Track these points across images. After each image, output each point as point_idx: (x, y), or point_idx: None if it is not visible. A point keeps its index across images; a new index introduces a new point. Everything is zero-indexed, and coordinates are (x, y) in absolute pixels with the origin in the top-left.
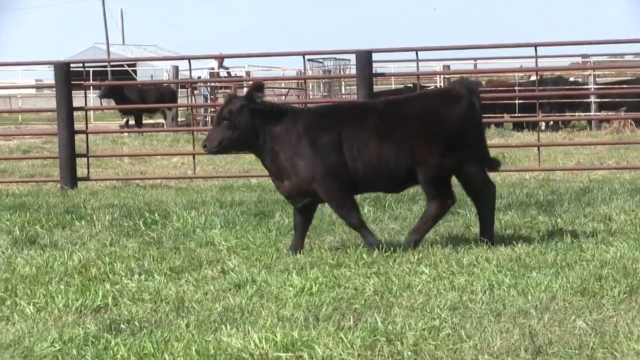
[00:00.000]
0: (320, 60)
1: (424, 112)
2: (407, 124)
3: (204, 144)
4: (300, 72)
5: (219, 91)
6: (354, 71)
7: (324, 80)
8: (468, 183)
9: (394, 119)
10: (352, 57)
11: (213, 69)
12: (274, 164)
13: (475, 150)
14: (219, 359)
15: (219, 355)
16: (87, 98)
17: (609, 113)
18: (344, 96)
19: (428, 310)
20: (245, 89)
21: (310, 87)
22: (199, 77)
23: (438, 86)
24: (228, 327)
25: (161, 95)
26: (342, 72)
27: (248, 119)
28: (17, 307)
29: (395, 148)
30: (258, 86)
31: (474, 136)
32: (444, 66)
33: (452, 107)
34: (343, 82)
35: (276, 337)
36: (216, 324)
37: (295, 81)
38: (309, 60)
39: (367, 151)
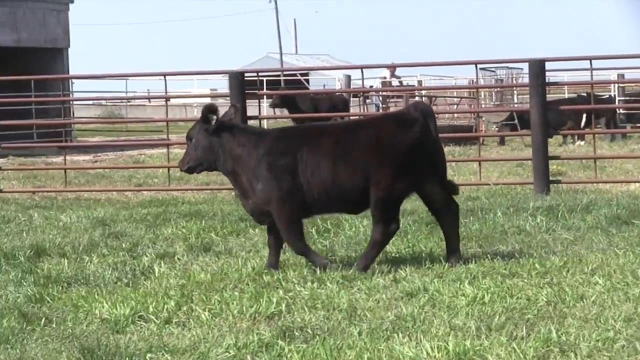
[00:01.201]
0: (493, 69)
1: (378, 136)
2: (361, 147)
3: (178, 164)
4: (472, 81)
5: (390, 100)
6: (526, 80)
7: (496, 90)
8: (429, 204)
9: (348, 142)
10: (525, 65)
11: (385, 78)
12: (238, 183)
13: (432, 172)
14: None
15: None
16: (261, 107)
17: None
18: (516, 105)
19: (602, 322)
20: (416, 98)
21: (482, 96)
22: (371, 86)
23: (612, 95)
24: (400, 335)
25: (334, 105)
26: (514, 81)
27: (205, 140)
28: (193, 313)
29: (349, 170)
30: (210, 108)
31: (429, 159)
32: (618, 75)
33: (405, 131)
34: (515, 91)
35: (448, 346)
36: (388, 332)
37: (467, 90)
38: (481, 69)
39: (321, 174)
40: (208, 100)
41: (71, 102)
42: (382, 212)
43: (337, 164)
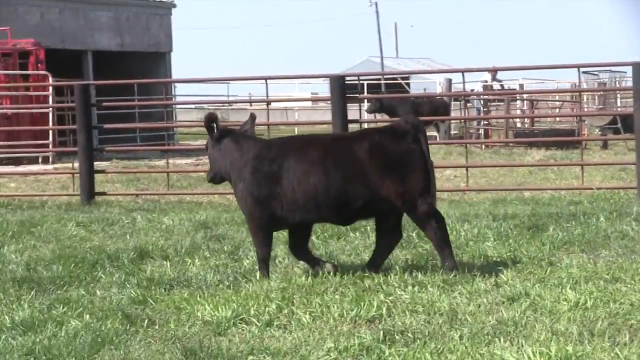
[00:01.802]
0: (595, 72)
1: (369, 148)
2: (352, 159)
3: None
4: (575, 84)
5: (492, 104)
6: (630, 83)
7: (599, 93)
8: (387, 216)
9: (340, 153)
10: (629, 69)
11: (486, 81)
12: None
13: (421, 183)
14: None
15: None
16: (362, 111)
17: None
18: (619, 108)
19: None
20: (517, 102)
21: (585, 100)
22: (472, 90)
23: None
24: (501, 340)
25: (434, 108)
26: (617, 85)
27: (212, 150)
28: (294, 316)
29: (339, 181)
30: (210, 118)
31: (419, 170)
32: None
33: (397, 143)
34: (619, 95)
35: (550, 351)
36: (489, 336)
37: (570, 94)
38: (583, 72)
39: (308, 183)
40: (309, 104)
41: (174, 106)
42: (415, 216)
43: (326, 175)
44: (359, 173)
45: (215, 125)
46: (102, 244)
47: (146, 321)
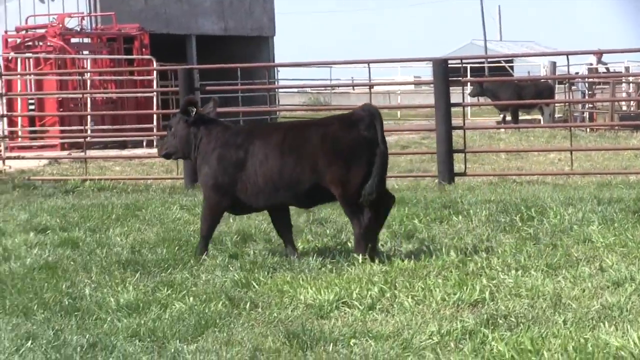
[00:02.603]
0: None
1: (325, 134)
2: (309, 145)
3: (157, 149)
4: None
5: (597, 87)
6: None
7: None
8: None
9: (298, 139)
10: None
11: (591, 64)
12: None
13: (362, 174)
14: (596, 357)
15: (596, 353)
16: (464, 94)
17: None
18: None
19: None
20: (623, 85)
21: None
22: (577, 73)
23: None
24: (606, 324)
25: (539, 92)
26: None
27: (183, 131)
28: (397, 300)
29: (298, 166)
30: (190, 102)
31: (364, 160)
32: None
33: (348, 131)
34: None
35: None
36: (594, 321)
37: None
38: None
39: (268, 167)
40: (411, 88)
41: (276, 90)
42: (347, 206)
43: (285, 159)
44: (310, 158)
45: (194, 110)
46: None
47: (249, 304)
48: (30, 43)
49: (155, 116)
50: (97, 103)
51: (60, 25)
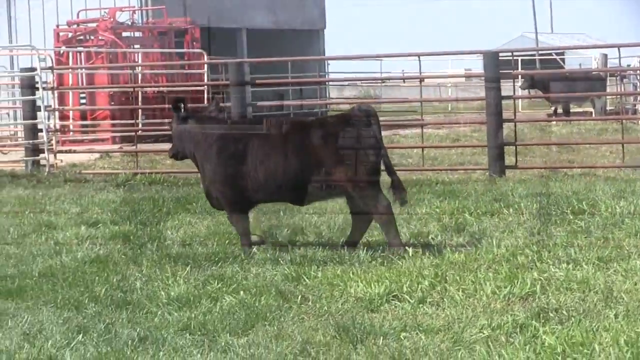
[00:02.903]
0: None
1: (325, 133)
2: (309, 143)
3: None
4: None
5: None
6: None
7: None
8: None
9: (298, 136)
10: None
11: None
12: (198, 167)
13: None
14: None
15: None
16: (515, 87)
17: None
18: None
19: None
20: None
21: None
22: (628, 65)
23: None
24: None
25: (590, 84)
26: None
27: (176, 129)
28: (447, 293)
29: (297, 163)
30: (178, 99)
31: (371, 155)
32: None
33: (350, 129)
34: None
35: None
36: None
37: None
38: None
39: (269, 163)
40: (462, 80)
41: (327, 83)
42: (364, 198)
43: (285, 156)
44: (306, 156)
45: (181, 106)
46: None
47: (299, 297)
48: (81, 37)
49: None
50: (148, 97)
51: (112, 19)
